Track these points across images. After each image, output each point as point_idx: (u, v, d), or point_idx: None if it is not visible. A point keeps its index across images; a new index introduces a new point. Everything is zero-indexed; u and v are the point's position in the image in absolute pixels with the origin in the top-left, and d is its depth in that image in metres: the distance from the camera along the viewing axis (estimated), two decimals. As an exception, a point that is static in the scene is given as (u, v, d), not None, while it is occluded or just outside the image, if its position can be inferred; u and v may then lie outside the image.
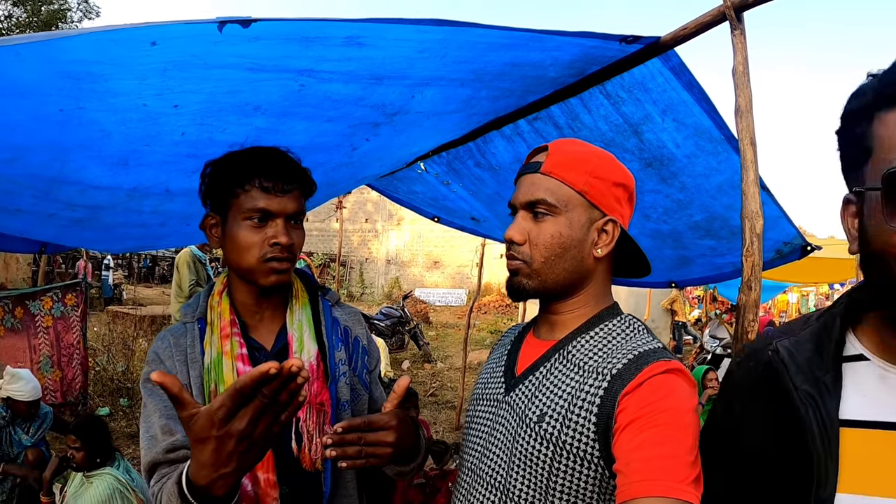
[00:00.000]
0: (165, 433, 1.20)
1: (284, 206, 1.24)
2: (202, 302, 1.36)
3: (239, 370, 1.27)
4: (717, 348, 8.12)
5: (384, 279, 22.75)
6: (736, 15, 1.37)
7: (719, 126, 1.77)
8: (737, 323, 1.36)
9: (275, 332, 1.37)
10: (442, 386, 8.32)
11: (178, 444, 1.18)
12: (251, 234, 1.23)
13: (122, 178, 1.65)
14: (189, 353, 1.29)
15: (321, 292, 1.47)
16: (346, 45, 1.15)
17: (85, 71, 1.06)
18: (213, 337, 1.30)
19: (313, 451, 1.28)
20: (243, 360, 1.28)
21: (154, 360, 1.30)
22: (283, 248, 1.25)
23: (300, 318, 1.37)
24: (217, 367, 1.28)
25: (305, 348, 1.33)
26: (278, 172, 1.25)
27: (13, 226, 2.22)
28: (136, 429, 5.39)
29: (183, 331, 1.33)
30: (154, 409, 1.24)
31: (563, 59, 1.54)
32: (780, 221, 2.27)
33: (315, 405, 1.30)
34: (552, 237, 1.04)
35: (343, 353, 1.40)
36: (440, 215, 3.74)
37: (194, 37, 1.00)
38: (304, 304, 1.40)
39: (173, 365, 1.28)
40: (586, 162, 1.05)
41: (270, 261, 1.24)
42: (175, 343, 1.30)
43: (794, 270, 8.47)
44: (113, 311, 11.59)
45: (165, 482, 1.10)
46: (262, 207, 1.22)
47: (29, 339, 4.82)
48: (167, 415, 1.22)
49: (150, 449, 1.21)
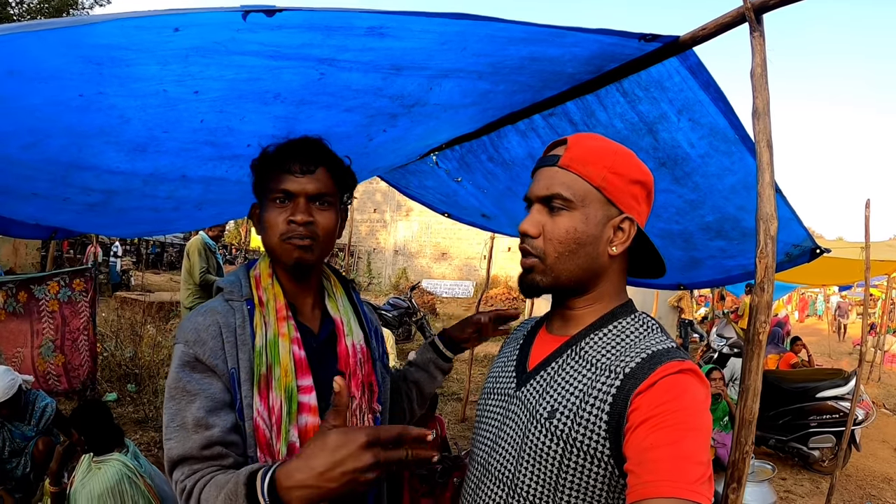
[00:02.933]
0: (199, 426, 1.14)
1: (304, 187, 1.27)
2: (245, 280, 1.33)
3: (295, 354, 1.26)
4: (723, 347, 8.11)
5: (392, 269, 22.83)
6: (756, 17, 1.36)
7: (735, 126, 1.76)
8: (749, 324, 1.36)
9: (318, 318, 1.39)
10: (448, 378, 8.34)
11: (215, 439, 1.14)
12: (275, 214, 1.28)
13: (139, 163, 1.66)
14: (239, 334, 1.23)
15: (351, 285, 1.53)
16: (368, 35, 1.15)
17: (107, 56, 1.06)
18: (270, 318, 1.27)
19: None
20: (298, 343, 1.27)
21: (195, 341, 1.20)
22: (301, 226, 1.26)
23: (344, 305, 1.42)
24: (273, 348, 1.24)
25: (354, 332, 1.38)
26: (299, 154, 1.28)
27: (27, 211, 2.24)
28: (143, 414, 5.43)
29: (230, 310, 1.26)
30: (189, 401, 1.16)
31: (582, 56, 1.54)
32: (790, 223, 2.26)
33: (367, 384, 1.36)
34: (567, 232, 1.03)
35: (373, 340, 1.46)
36: (451, 211, 3.75)
37: (218, 24, 1.00)
38: (342, 292, 1.45)
39: (219, 344, 1.21)
40: (605, 157, 1.03)
41: (290, 238, 1.26)
42: (224, 322, 1.23)
43: (803, 272, 8.46)
44: (121, 297, 11.68)
45: (213, 478, 1.08)
46: (283, 188, 1.26)
47: (31, 323, 4.79)
48: (207, 406, 1.16)
49: (182, 441, 1.14)
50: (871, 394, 8.08)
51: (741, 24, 1.42)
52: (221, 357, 1.20)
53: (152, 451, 4.66)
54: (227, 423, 1.17)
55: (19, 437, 3.60)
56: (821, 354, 14.06)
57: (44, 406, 3.74)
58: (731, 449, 1.37)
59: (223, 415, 1.17)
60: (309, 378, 1.25)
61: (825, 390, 5.81)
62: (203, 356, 1.18)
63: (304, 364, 1.25)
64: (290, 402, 1.21)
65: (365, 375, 1.35)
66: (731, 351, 7.63)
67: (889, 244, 8.51)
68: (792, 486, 5.44)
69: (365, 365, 1.37)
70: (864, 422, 5.68)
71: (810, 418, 5.78)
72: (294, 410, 1.21)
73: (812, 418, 5.77)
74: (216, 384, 1.18)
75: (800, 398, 5.88)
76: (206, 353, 1.19)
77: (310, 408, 1.23)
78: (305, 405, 1.23)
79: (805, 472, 5.82)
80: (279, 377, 1.21)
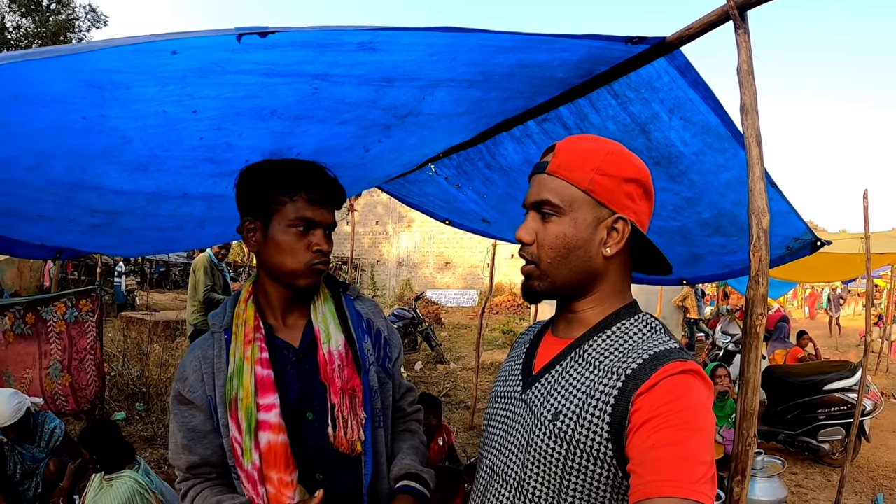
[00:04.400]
0: (184, 450, 1.37)
1: (326, 217, 1.38)
2: (228, 311, 1.44)
3: (257, 374, 1.34)
4: (728, 344, 8.10)
5: (395, 281, 22.84)
6: (739, 14, 1.38)
7: (726, 123, 1.78)
8: (745, 317, 1.38)
9: (301, 329, 1.44)
10: (455, 386, 8.35)
11: (197, 463, 1.37)
12: (295, 240, 1.35)
13: (141, 182, 1.69)
14: (216, 364, 1.38)
15: (342, 289, 1.55)
16: (358, 50, 1.18)
17: (108, 80, 1.10)
18: (237, 345, 1.38)
19: (349, 434, 1.36)
20: (262, 363, 1.35)
21: (179, 378, 1.41)
22: (324, 254, 1.37)
23: (324, 312, 1.45)
24: (239, 373, 1.34)
25: (333, 338, 1.41)
26: (326, 186, 1.38)
27: (33, 232, 2.27)
28: (151, 433, 5.45)
29: (210, 342, 1.42)
30: (177, 429, 1.39)
31: (571, 60, 1.56)
32: (788, 217, 2.28)
33: (347, 391, 1.38)
34: (556, 237, 1.04)
35: (369, 343, 1.48)
36: (451, 218, 3.77)
37: (213, 47, 1.03)
38: (326, 298, 1.48)
39: (199, 378, 1.38)
40: (592, 159, 1.03)
41: (316, 265, 1.37)
42: (202, 355, 1.40)
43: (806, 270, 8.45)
44: (126, 317, 11.72)
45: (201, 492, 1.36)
46: (308, 217, 1.34)
47: (39, 344, 4.83)
48: (187, 436, 1.38)
49: (175, 457, 1.40)
50: (879, 384, 8.06)
51: (726, 23, 1.44)
52: (200, 389, 1.37)
53: (162, 468, 4.68)
54: (207, 449, 1.38)
55: (30, 459, 3.62)
56: (828, 348, 14.02)
57: (52, 428, 3.76)
58: (734, 442, 1.38)
59: (205, 443, 1.38)
60: (271, 396, 1.33)
61: (832, 382, 5.80)
62: (184, 391, 1.38)
63: (266, 383, 1.33)
64: (248, 419, 1.31)
65: (345, 381, 1.38)
66: (737, 348, 7.62)
67: (890, 234, 8.49)
68: (803, 480, 5.42)
69: (344, 370, 1.39)
70: (872, 412, 5.66)
71: (818, 411, 5.77)
72: (253, 427, 1.31)
73: (820, 411, 5.76)
74: (198, 416, 1.38)
75: (807, 392, 5.87)
76: (185, 389, 1.38)
77: (270, 425, 1.32)
78: (265, 423, 1.32)
79: (816, 465, 5.79)
80: (242, 398, 1.32)
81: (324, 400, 1.37)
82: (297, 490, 1.32)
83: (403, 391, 1.65)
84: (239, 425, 1.31)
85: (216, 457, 1.38)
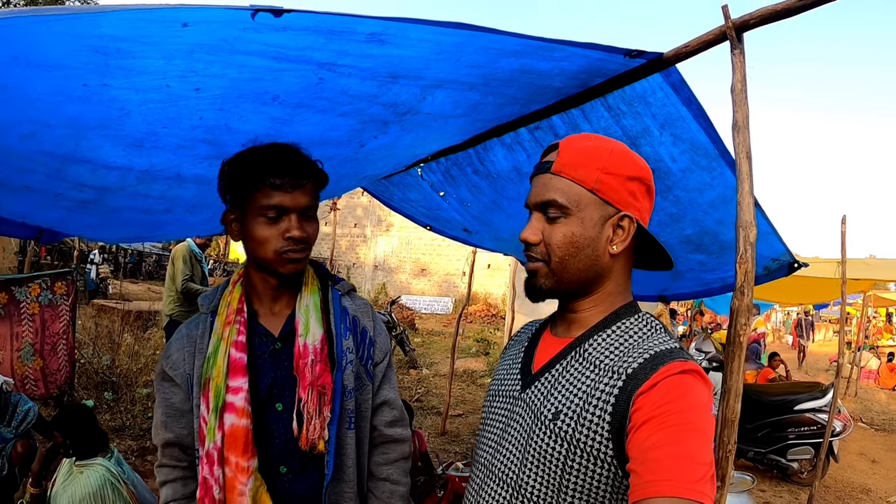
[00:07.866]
0: (162, 426, 1.40)
1: (297, 201, 1.32)
2: (218, 294, 1.44)
3: (231, 356, 1.33)
4: (702, 361, 8.20)
5: (371, 284, 22.74)
6: (737, 35, 1.42)
7: (715, 142, 1.82)
8: (730, 327, 1.41)
9: (284, 317, 1.43)
10: (427, 392, 8.32)
11: (171, 441, 1.40)
12: (266, 229, 1.31)
13: (135, 159, 1.68)
14: (198, 344, 1.39)
15: (331, 282, 1.53)
16: (368, 41, 1.20)
17: (114, 47, 1.08)
18: (217, 324, 1.38)
19: (311, 432, 1.33)
20: (237, 346, 1.34)
21: (164, 355, 1.43)
22: (298, 241, 1.33)
23: (308, 304, 1.43)
24: (215, 353, 1.34)
25: (311, 332, 1.39)
26: (289, 169, 1.31)
27: (16, 207, 2.22)
28: (120, 423, 5.35)
29: (197, 322, 1.43)
30: (158, 405, 1.41)
31: (570, 70, 1.59)
32: (769, 238, 2.33)
33: (316, 387, 1.35)
34: (564, 237, 1.03)
35: (351, 341, 1.45)
36: (433, 224, 3.79)
37: (226, 22, 1.03)
38: (313, 290, 1.46)
39: (182, 356, 1.39)
40: (597, 158, 1.03)
41: (287, 252, 1.32)
42: (188, 334, 1.42)
43: (781, 291, 8.61)
44: (98, 305, 11.50)
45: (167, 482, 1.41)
46: (275, 204, 1.30)
47: (11, 326, 4.73)
48: (166, 413, 1.40)
49: (154, 434, 1.43)
50: (848, 408, 8.21)
51: (723, 42, 1.47)
52: (181, 367, 1.39)
53: (129, 458, 4.59)
54: (184, 429, 1.39)
55: None
56: (797, 370, 14.26)
57: (26, 410, 3.67)
58: (715, 448, 1.41)
59: (182, 422, 1.39)
60: (240, 379, 1.32)
61: (803, 403, 5.89)
62: (167, 368, 1.40)
63: (238, 366, 1.33)
64: (216, 399, 1.31)
65: (315, 377, 1.35)
66: (710, 365, 7.74)
67: (866, 262, 8.72)
68: (771, 497, 5.49)
69: (316, 366, 1.36)
70: (841, 433, 5.76)
71: (788, 430, 5.85)
72: (219, 407, 1.30)
73: (790, 430, 5.85)
74: (178, 394, 1.40)
75: (778, 411, 5.96)
76: (169, 366, 1.40)
77: (235, 408, 1.31)
78: (231, 405, 1.31)
79: (784, 483, 5.87)
80: (213, 377, 1.32)
81: (294, 393, 1.36)
82: (252, 477, 1.30)
83: (380, 402, 1.53)
84: (208, 404, 1.32)
85: (190, 438, 1.38)
